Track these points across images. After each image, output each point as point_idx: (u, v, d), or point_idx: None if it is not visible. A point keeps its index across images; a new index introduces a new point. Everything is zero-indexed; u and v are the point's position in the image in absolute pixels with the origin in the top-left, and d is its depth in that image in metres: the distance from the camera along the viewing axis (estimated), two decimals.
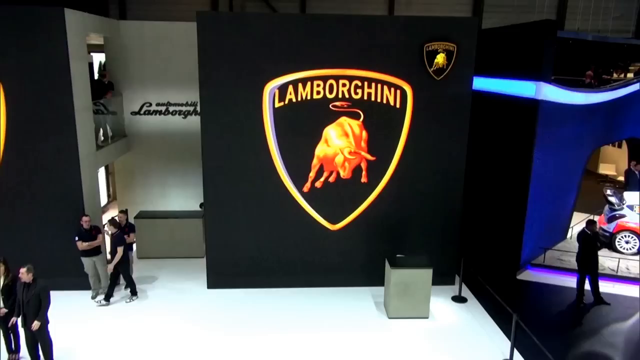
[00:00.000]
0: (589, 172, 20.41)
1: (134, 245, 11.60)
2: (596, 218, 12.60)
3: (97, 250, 10.02)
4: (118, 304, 10.10)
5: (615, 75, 16.56)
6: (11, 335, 8.12)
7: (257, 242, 10.62)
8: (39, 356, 8.01)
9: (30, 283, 7.67)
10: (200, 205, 13.16)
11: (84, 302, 10.00)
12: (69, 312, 9.47)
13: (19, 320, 7.81)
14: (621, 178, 18.66)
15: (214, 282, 10.79)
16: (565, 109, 11.52)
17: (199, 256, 12.22)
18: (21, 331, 8.00)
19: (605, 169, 21.31)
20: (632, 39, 18.97)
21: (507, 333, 8.77)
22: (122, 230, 10.08)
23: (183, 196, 13.45)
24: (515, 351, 8.35)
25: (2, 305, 7.85)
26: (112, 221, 9.93)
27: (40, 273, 7.70)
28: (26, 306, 7.65)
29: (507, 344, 8.60)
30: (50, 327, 7.88)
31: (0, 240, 9.68)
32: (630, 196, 13.02)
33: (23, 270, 7.62)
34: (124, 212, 10.85)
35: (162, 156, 13.22)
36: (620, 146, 20.33)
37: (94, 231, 9.96)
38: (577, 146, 12.49)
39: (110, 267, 9.81)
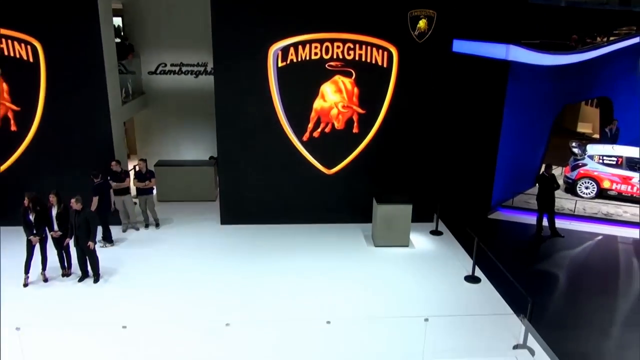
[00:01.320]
0: (568, 130, 22.11)
1: (154, 189, 13.18)
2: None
3: (126, 190, 11.71)
4: (144, 235, 11.86)
5: (598, 40, 17.96)
6: (64, 254, 9.89)
7: (263, 185, 12.32)
8: (87, 271, 9.83)
9: (80, 210, 9.41)
10: (210, 158, 14.84)
11: (116, 234, 11.71)
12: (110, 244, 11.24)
13: (71, 241, 9.58)
14: (597, 136, 20.29)
15: (226, 219, 12.55)
16: (534, 69, 13.05)
17: (211, 200, 13.95)
18: (73, 251, 9.79)
19: (583, 128, 22.92)
20: (608, 5, 20.16)
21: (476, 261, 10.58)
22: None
23: (195, 148, 15.11)
24: (477, 269, 10.19)
25: (57, 229, 9.59)
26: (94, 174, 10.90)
27: None
28: (78, 230, 9.41)
29: (472, 264, 10.43)
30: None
31: (45, 182, 11.33)
32: (591, 148, 14.71)
33: (73, 200, 9.35)
34: (143, 160, 12.39)
35: (176, 112, 14.79)
36: (597, 106, 21.85)
37: (123, 174, 11.62)
38: (546, 103, 14.08)
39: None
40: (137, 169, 11.87)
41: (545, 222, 12.37)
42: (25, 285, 9.50)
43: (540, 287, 10.07)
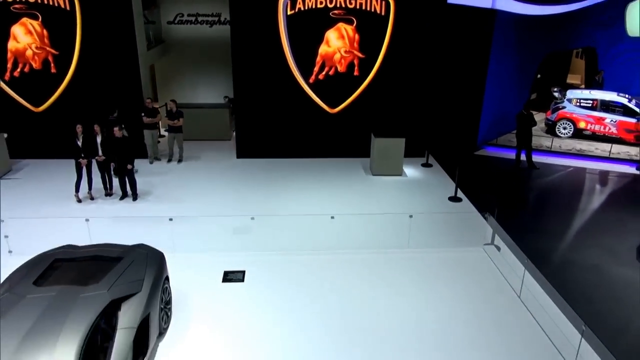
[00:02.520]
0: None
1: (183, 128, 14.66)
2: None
3: (155, 125, 13.31)
4: (170, 167, 13.53)
5: None
6: (107, 177, 11.58)
7: (273, 123, 13.89)
8: (127, 191, 11.55)
9: (121, 138, 11.04)
10: (224, 98, 16.33)
11: (144, 165, 13.38)
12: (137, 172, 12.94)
13: (112, 165, 11.26)
14: (583, 87, 21.62)
15: (241, 153, 14.21)
16: (520, 18, 14.36)
17: (226, 139, 15.57)
18: (114, 176, 11.49)
19: (572, 79, 24.19)
20: None
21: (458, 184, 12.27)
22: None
23: (210, 91, 16.61)
24: (460, 191, 11.90)
25: (101, 154, 11.25)
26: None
27: None
28: (120, 155, 11.06)
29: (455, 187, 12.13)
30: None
31: (82, 118, 12.91)
32: (570, 92, 16.18)
33: (116, 128, 10.98)
34: (173, 101, 13.85)
35: (192, 59, 16.22)
36: (583, 57, 23.09)
37: (155, 111, 13.18)
38: (531, 51, 15.45)
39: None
40: (168, 108, 13.41)
41: (523, 157, 13.98)
42: (79, 201, 11.23)
43: (512, 203, 11.78)
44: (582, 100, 15.74)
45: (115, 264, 6.53)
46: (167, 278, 7.15)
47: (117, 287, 6.02)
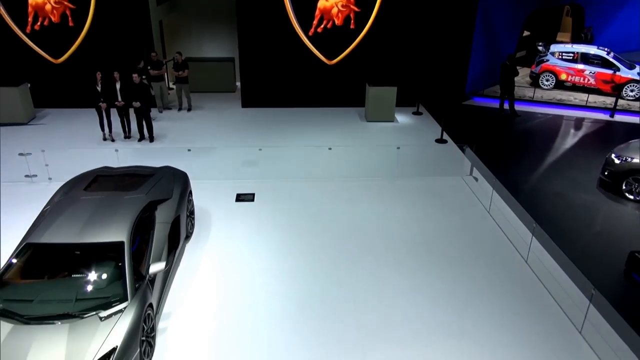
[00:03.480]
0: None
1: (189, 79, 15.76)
2: None
3: (162, 77, 14.41)
4: (180, 115, 14.70)
5: None
6: (126, 121, 12.77)
7: (276, 74, 14.99)
8: (144, 134, 12.75)
9: (139, 83, 12.18)
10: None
11: (154, 113, 14.56)
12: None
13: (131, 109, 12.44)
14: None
15: (246, 102, 15.37)
16: None
17: (231, 91, 16.69)
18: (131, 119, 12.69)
19: (562, 37, 25.07)
20: None
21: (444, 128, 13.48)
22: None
23: (215, 46, 17.59)
24: (446, 134, 13.13)
25: (120, 99, 12.40)
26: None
27: None
28: (138, 98, 12.21)
29: (441, 131, 13.34)
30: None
31: (99, 68, 14.00)
32: (554, 46, 17.22)
33: (135, 75, 12.10)
34: (179, 53, 14.91)
35: (199, 14, 17.13)
36: (570, 15, 23.92)
37: (160, 64, 14.25)
38: (517, 7, 16.39)
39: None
40: (175, 59, 14.47)
41: (507, 106, 15.15)
42: (104, 139, 12.43)
43: (491, 144, 13.03)
44: (564, 54, 16.79)
45: (149, 178, 7.83)
46: (190, 192, 8.45)
47: (153, 193, 7.33)
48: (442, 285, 7.32)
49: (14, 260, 5.92)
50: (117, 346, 5.14)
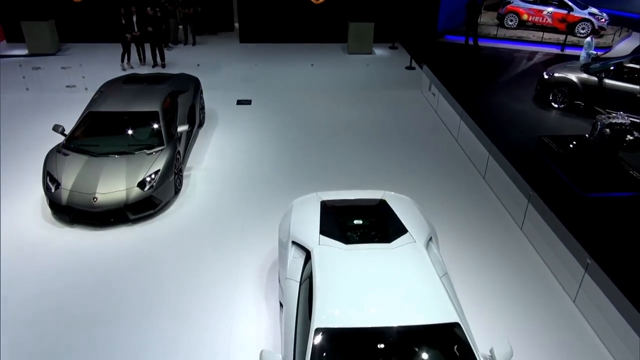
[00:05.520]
0: None
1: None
2: None
3: (174, 14, 16.54)
4: (186, 48, 16.90)
5: None
6: (141, 49, 15.00)
7: (270, 13, 17.12)
8: (157, 61, 15.01)
9: (153, 15, 14.36)
10: None
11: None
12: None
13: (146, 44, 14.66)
14: None
15: (243, 38, 17.57)
16: None
17: (229, 31, 18.83)
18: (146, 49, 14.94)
19: None
20: None
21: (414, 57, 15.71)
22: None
23: None
24: (414, 63, 15.43)
25: (136, 30, 14.58)
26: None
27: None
28: (152, 29, 14.42)
29: (410, 59, 15.61)
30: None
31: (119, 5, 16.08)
32: None
33: (149, 8, 14.26)
34: None
35: None
36: None
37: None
38: None
39: None
40: None
41: (471, 43, 17.36)
42: (123, 69, 14.70)
43: (452, 71, 15.34)
44: None
45: (170, 77, 10.24)
46: (201, 91, 10.86)
47: (174, 85, 9.77)
48: (391, 153, 9.86)
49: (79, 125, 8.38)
50: (159, 169, 7.67)
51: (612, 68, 11.54)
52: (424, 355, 4.41)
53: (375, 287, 4.77)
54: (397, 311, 4.50)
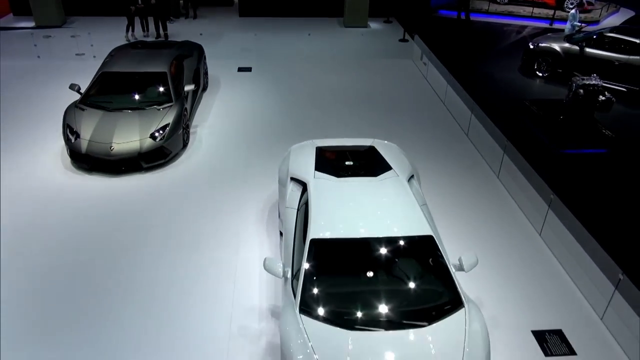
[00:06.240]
0: None
1: None
2: None
3: None
4: (188, 22, 17.48)
5: None
6: (145, 22, 15.59)
7: None
8: (160, 33, 15.61)
9: None
10: None
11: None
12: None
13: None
14: None
15: (243, 12, 18.13)
16: None
17: (229, 5, 19.37)
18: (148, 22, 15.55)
19: None
20: None
21: (407, 30, 16.35)
22: None
23: None
24: (407, 35, 16.06)
25: (140, 2, 15.16)
26: None
27: None
28: (155, 1, 14.99)
29: (403, 32, 16.22)
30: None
31: None
32: None
33: None
34: None
35: None
36: None
37: None
38: None
39: None
40: None
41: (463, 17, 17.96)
42: (128, 41, 15.29)
43: (444, 42, 15.99)
44: None
45: (175, 44, 10.92)
46: (204, 57, 11.53)
47: (180, 50, 10.45)
48: (381, 112, 10.60)
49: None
50: (169, 123, 8.40)
51: (594, 37, 12.21)
52: (403, 262, 5.21)
53: (362, 208, 5.56)
54: (381, 225, 5.30)
